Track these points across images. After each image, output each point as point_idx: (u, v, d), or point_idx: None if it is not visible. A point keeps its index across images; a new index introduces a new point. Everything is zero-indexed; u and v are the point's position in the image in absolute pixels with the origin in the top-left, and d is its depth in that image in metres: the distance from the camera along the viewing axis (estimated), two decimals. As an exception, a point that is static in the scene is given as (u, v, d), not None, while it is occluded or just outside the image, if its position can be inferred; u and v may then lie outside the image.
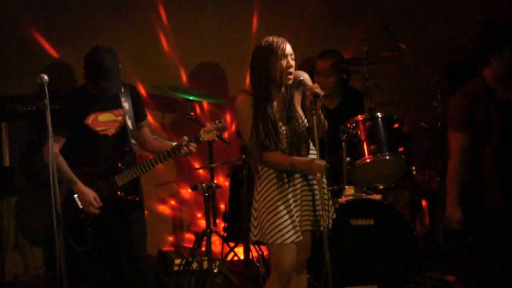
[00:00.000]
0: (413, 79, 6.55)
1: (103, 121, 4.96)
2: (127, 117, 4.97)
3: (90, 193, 4.86)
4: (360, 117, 5.32)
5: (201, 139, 4.88)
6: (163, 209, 6.59)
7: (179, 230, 6.64)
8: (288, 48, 4.20)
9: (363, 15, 6.81)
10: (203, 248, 5.81)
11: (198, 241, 5.87)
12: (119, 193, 4.91)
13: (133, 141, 4.97)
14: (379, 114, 5.34)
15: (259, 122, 4.19)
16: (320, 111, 4.18)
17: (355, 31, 6.80)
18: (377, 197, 5.28)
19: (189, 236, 6.63)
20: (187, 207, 6.65)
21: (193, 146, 4.86)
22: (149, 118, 5.71)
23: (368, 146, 5.27)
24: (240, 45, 6.52)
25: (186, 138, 4.86)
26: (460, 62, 6.66)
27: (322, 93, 4.13)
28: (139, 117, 5.08)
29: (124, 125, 4.97)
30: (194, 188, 5.75)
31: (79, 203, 4.88)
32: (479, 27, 4.49)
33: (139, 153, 5.24)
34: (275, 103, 4.25)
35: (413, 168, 5.67)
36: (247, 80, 5.15)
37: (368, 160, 5.27)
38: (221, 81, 6.66)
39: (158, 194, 6.55)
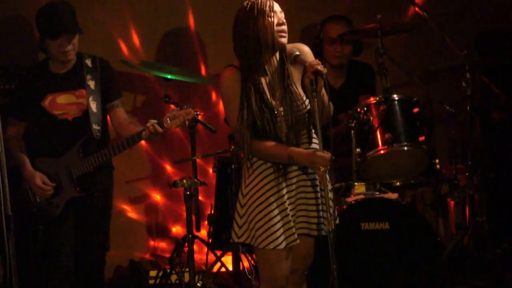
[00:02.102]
0: (437, 53, 6.53)
1: (62, 103, 5.02)
2: (90, 99, 5.00)
3: (37, 175, 4.97)
4: (372, 100, 5.31)
5: (164, 125, 4.84)
6: (136, 210, 6.58)
7: (155, 235, 6.64)
8: (276, 5, 4.15)
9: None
10: (184, 258, 5.79)
11: (178, 249, 5.87)
12: (74, 185, 4.98)
13: (96, 126, 5.00)
14: (395, 96, 5.33)
15: (250, 101, 4.13)
16: (323, 91, 4.13)
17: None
18: (393, 196, 5.29)
19: (167, 243, 6.62)
20: (164, 208, 6.64)
21: (158, 128, 4.81)
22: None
23: (382, 134, 5.28)
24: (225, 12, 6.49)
25: (154, 120, 4.85)
26: (493, 32, 6.64)
27: (325, 70, 4.08)
28: (110, 96, 5.11)
29: (87, 110, 5.00)
30: (173, 185, 5.72)
31: (30, 193, 4.98)
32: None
33: (114, 137, 5.25)
34: (268, 77, 4.20)
35: (437, 161, 5.67)
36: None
37: (382, 152, 5.27)
38: (201, 55, 6.63)
39: (129, 193, 6.54)
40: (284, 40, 4.15)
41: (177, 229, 6.65)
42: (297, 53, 4.17)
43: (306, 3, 6.63)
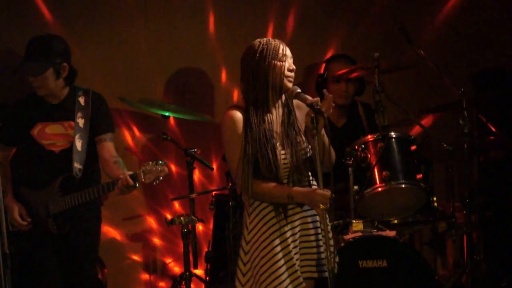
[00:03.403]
0: (434, 91, 6.54)
1: (50, 133, 5.02)
2: (77, 137, 4.99)
3: (16, 208, 4.95)
4: (370, 137, 5.31)
5: (137, 178, 4.75)
6: (132, 248, 6.55)
7: (152, 273, 6.61)
8: (288, 50, 4.20)
9: (373, 14, 6.81)
10: (181, 295, 5.77)
11: (175, 287, 5.82)
12: (49, 221, 4.95)
13: (77, 165, 4.96)
14: (393, 134, 5.33)
15: (253, 142, 4.14)
16: (323, 133, 4.14)
17: (363, 34, 6.80)
18: (391, 233, 5.26)
19: (165, 280, 6.58)
20: (162, 245, 6.61)
21: (129, 181, 4.73)
22: (116, 137, 5.68)
23: (379, 172, 5.27)
24: (232, 50, 6.52)
25: (129, 172, 4.78)
26: (491, 70, 6.66)
27: (329, 111, 4.09)
28: (100, 128, 5.07)
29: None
30: (171, 222, 5.71)
31: (8, 222, 4.92)
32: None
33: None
34: (273, 119, 4.21)
35: (434, 199, 5.65)
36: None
37: (380, 189, 5.27)
38: (206, 94, 6.65)
39: (127, 230, 6.52)
40: (290, 85, 4.18)
41: (174, 267, 6.62)
42: (299, 90, 4.18)
43: (305, 42, 6.66)
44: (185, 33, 6.56)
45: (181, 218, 5.68)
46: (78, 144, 4.98)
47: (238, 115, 4.19)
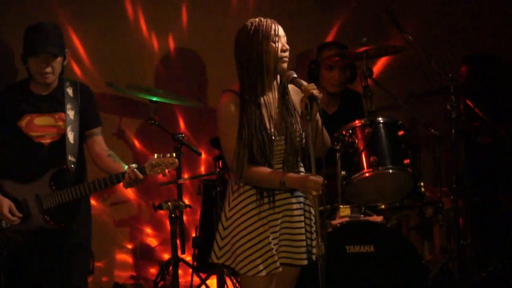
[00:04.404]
0: (422, 76, 6.55)
1: (39, 125, 4.89)
2: (68, 129, 4.88)
3: (5, 203, 4.77)
4: (357, 123, 5.31)
5: (145, 172, 4.72)
6: (120, 233, 6.55)
7: (140, 258, 6.61)
8: (281, 30, 4.16)
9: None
10: (169, 280, 5.77)
11: (162, 272, 5.85)
12: (43, 216, 4.82)
13: (71, 158, 4.87)
14: (380, 119, 5.33)
15: (250, 122, 4.10)
16: (318, 118, 4.12)
17: (350, 19, 6.79)
18: (378, 218, 5.28)
19: (152, 265, 6.59)
20: (149, 231, 6.61)
21: (138, 174, 4.71)
22: (104, 122, 5.66)
23: (367, 157, 5.28)
24: (220, 32, 6.50)
25: (134, 165, 4.75)
26: (478, 55, 6.66)
27: (320, 95, 4.05)
28: (89, 123, 4.99)
29: (64, 134, 4.89)
30: (158, 207, 5.72)
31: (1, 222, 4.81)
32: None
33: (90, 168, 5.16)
34: (270, 101, 4.17)
35: (422, 184, 5.66)
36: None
37: (367, 175, 5.27)
38: (194, 79, 6.63)
39: (114, 215, 6.52)
40: (285, 66, 4.15)
41: (161, 252, 6.62)
42: (295, 75, 4.15)
43: (298, 29, 6.65)
44: (172, 18, 6.55)
45: (169, 203, 5.69)
46: (71, 137, 4.88)
47: (233, 98, 4.15)
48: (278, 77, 4.19)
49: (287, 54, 4.15)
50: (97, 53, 6.41)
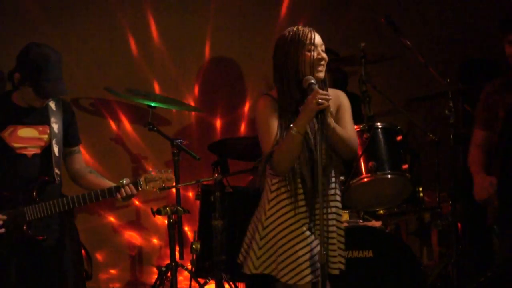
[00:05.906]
0: (420, 81, 6.56)
1: (23, 136, 4.76)
2: (54, 141, 4.78)
3: None
4: (356, 128, 5.29)
5: (139, 188, 4.72)
6: (118, 238, 6.55)
7: (138, 263, 6.61)
8: (318, 38, 4.17)
9: (359, 4, 6.82)
10: (167, 286, 5.76)
11: (161, 277, 5.83)
12: (25, 228, 4.68)
13: (57, 171, 4.78)
14: (379, 124, 5.35)
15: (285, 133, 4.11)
16: (334, 125, 4.11)
17: (349, 24, 6.80)
18: (377, 224, 5.29)
19: (150, 270, 6.59)
20: (147, 235, 6.61)
21: (133, 189, 4.69)
22: (102, 128, 5.67)
23: (365, 162, 5.28)
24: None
25: (128, 179, 4.72)
26: (477, 60, 6.67)
27: (325, 103, 4.00)
28: (72, 140, 4.93)
29: (48, 147, 4.77)
30: (157, 212, 5.70)
31: None
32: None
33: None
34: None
35: (420, 189, 5.67)
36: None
37: (365, 180, 5.28)
38: (192, 84, 6.64)
39: (112, 221, 6.50)
40: (321, 75, 4.16)
41: (160, 257, 6.62)
42: (312, 81, 4.11)
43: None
44: (172, 23, 6.56)
45: (167, 208, 5.68)
46: (56, 150, 4.78)
47: (272, 103, 4.19)
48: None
49: (323, 63, 4.16)
50: (96, 58, 6.40)
